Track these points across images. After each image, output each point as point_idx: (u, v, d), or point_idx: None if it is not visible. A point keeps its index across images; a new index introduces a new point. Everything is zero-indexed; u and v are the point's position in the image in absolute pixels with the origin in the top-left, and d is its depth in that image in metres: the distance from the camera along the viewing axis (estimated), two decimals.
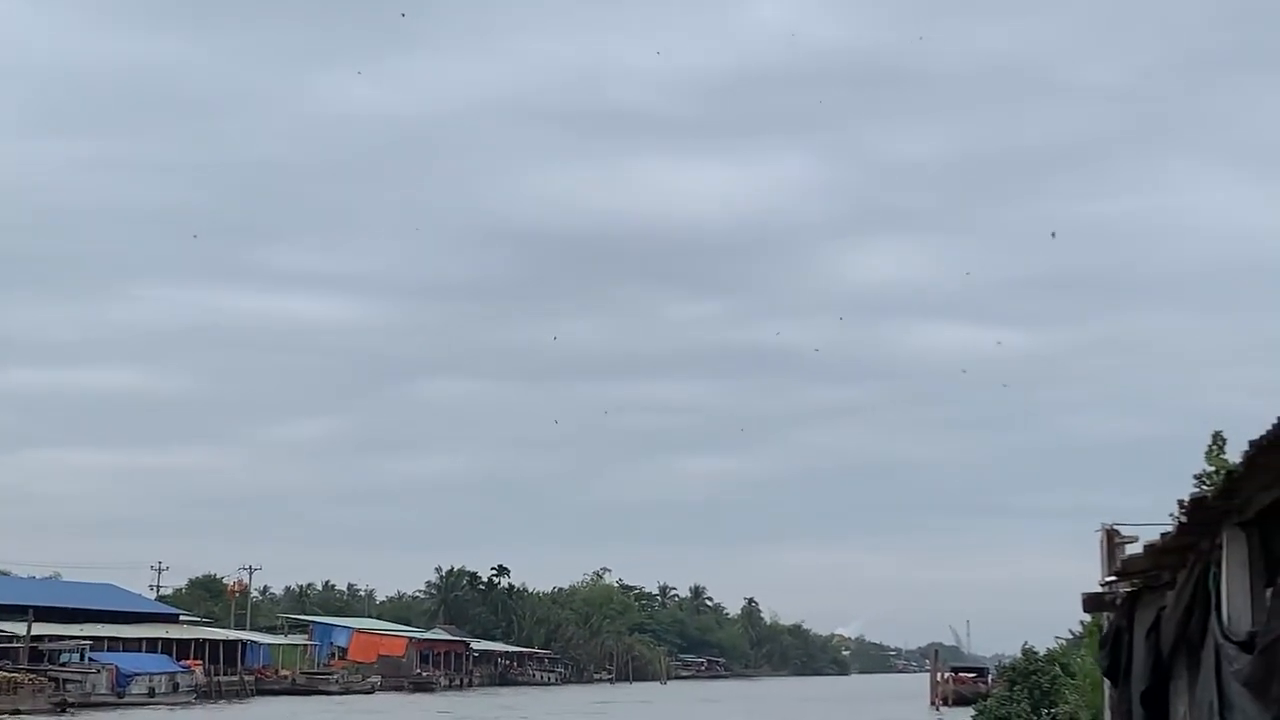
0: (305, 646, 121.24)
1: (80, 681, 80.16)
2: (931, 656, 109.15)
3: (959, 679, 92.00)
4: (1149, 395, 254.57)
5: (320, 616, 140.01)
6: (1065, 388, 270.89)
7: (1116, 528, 15.89)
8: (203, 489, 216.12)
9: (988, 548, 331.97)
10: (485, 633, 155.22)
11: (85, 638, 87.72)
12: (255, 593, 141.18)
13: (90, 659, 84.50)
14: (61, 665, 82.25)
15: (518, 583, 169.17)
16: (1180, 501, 12.81)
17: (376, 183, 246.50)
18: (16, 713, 67.24)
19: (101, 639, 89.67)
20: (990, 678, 77.35)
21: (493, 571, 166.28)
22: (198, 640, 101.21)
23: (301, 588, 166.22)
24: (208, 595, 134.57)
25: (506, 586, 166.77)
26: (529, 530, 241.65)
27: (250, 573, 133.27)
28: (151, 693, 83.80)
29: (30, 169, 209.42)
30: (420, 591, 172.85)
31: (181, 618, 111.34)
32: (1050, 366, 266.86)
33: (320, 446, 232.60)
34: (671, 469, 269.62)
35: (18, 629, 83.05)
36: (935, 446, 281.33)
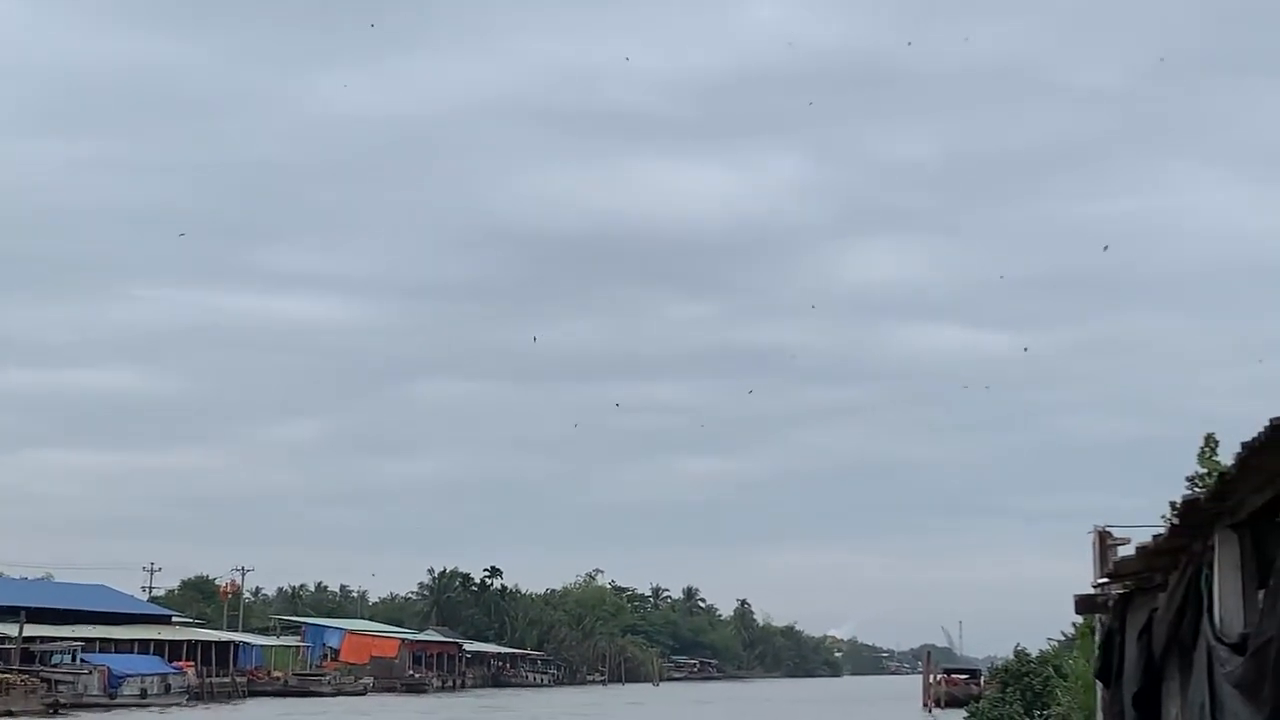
0: (298, 648, 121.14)
1: (72, 683, 80.00)
2: (924, 658, 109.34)
3: (952, 680, 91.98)
4: (1143, 396, 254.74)
5: (313, 618, 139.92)
6: (1059, 389, 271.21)
7: (1109, 529, 15.89)
8: (196, 490, 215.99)
9: (981, 549, 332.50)
10: (478, 634, 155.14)
11: (77, 639, 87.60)
12: (248, 594, 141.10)
13: (82, 660, 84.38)
14: (53, 666, 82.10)
15: (510, 584, 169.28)
16: (1172, 503, 12.83)
17: (375, 183, 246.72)
18: (8, 714, 67.10)
19: (94, 640, 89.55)
20: (983, 679, 77.34)
21: (485, 573, 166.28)
22: (190, 641, 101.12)
23: (294, 589, 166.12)
24: (200, 596, 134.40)
25: (499, 588, 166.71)
26: (521, 531, 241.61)
27: (243, 574, 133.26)
28: (143, 694, 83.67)
29: (29, 169, 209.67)
30: (413, 593, 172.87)
31: (174, 619, 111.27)
32: (1045, 368, 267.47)
33: (313, 447, 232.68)
34: (664, 470, 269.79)
35: (10, 630, 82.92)
36: (928, 448, 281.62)
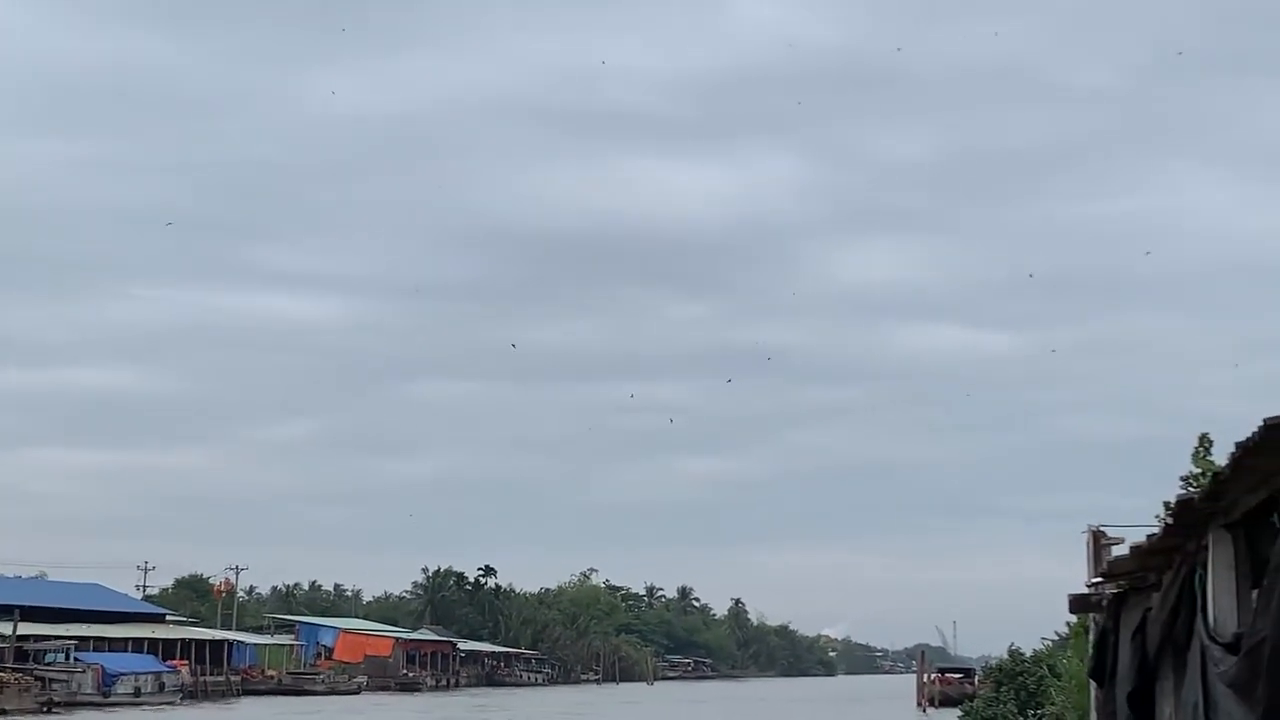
0: (291, 647, 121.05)
1: (66, 681, 79.93)
2: (918, 657, 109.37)
3: (945, 680, 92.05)
4: (1140, 396, 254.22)
5: (307, 617, 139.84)
6: (1056, 388, 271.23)
7: (1103, 529, 15.94)
8: (190, 489, 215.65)
9: (975, 549, 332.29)
10: (472, 633, 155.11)
11: (71, 637, 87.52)
12: (242, 593, 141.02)
13: (75, 659, 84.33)
14: (47, 665, 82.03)
15: (504, 583, 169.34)
16: (1167, 503, 12.85)
17: (373, 183, 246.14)
18: (2, 713, 67.08)
19: (87, 639, 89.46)
20: (977, 679, 77.38)
21: (479, 572, 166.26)
22: (184, 640, 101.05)
23: (288, 588, 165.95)
24: (194, 595, 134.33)
25: (493, 587, 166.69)
26: (516, 531, 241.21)
27: (237, 573, 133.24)
28: (137, 692, 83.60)
29: (28, 169, 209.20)
30: (407, 592, 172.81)
31: (168, 618, 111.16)
32: (1042, 367, 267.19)
33: (309, 446, 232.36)
34: (659, 470, 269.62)
35: (3, 629, 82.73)
36: (923, 448, 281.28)
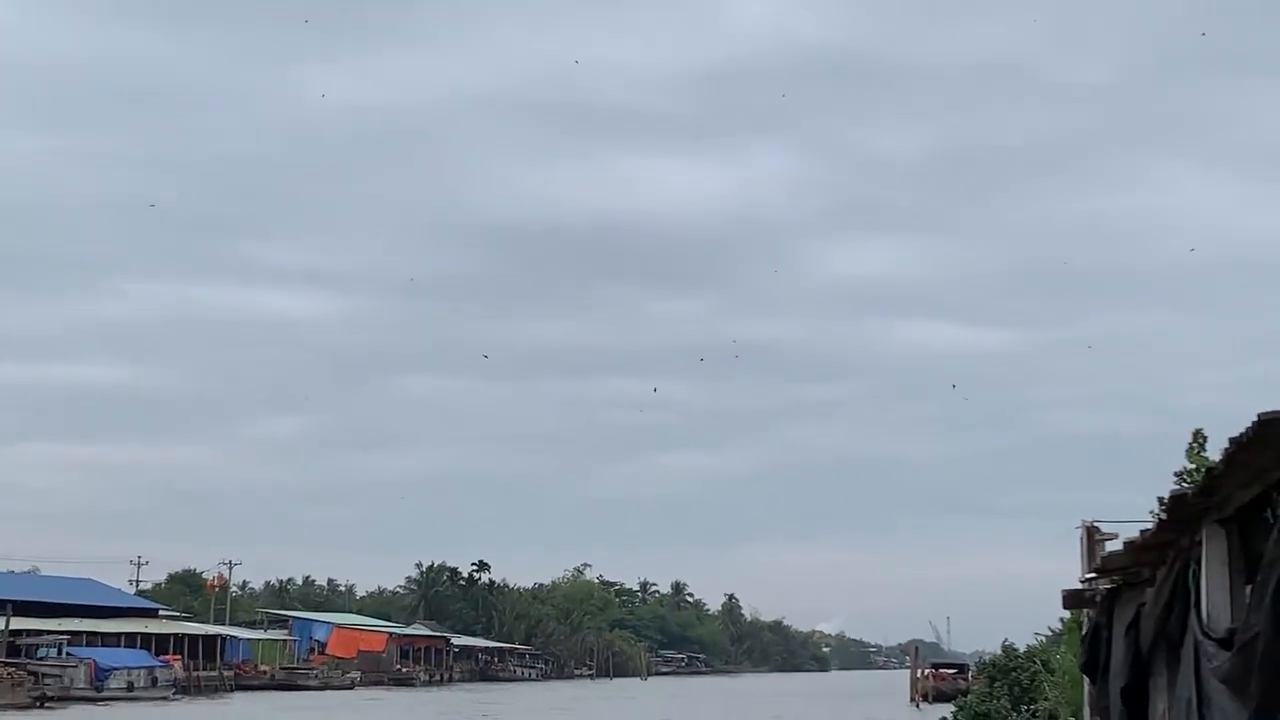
0: (285, 642, 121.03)
1: (59, 676, 79.92)
2: (912, 653, 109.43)
3: (939, 675, 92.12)
4: (1133, 393, 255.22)
5: (300, 612, 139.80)
6: (1050, 385, 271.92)
7: (1096, 525, 15.92)
8: (183, 484, 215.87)
9: (968, 545, 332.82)
10: (466, 628, 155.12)
11: (63, 632, 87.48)
12: (235, 588, 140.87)
13: (68, 653, 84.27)
14: (39, 660, 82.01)
15: (498, 579, 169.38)
16: (1161, 499, 12.84)
17: (366, 179, 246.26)
18: None
19: (80, 634, 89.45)
20: (970, 674, 77.38)
21: (473, 567, 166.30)
22: (177, 635, 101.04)
23: (281, 583, 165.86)
24: (187, 590, 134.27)
25: (487, 582, 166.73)
26: (509, 527, 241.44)
27: (230, 568, 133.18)
28: (130, 687, 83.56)
29: (19, 163, 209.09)
30: (400, 587, 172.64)
31: (161, 613, 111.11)
32: (1035, 364, 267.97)
33: (301, 442, 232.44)
34: (653, 466, 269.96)
35: None
36: (917, 444, 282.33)
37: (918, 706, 79.69)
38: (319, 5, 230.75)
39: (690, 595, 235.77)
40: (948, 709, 44.98)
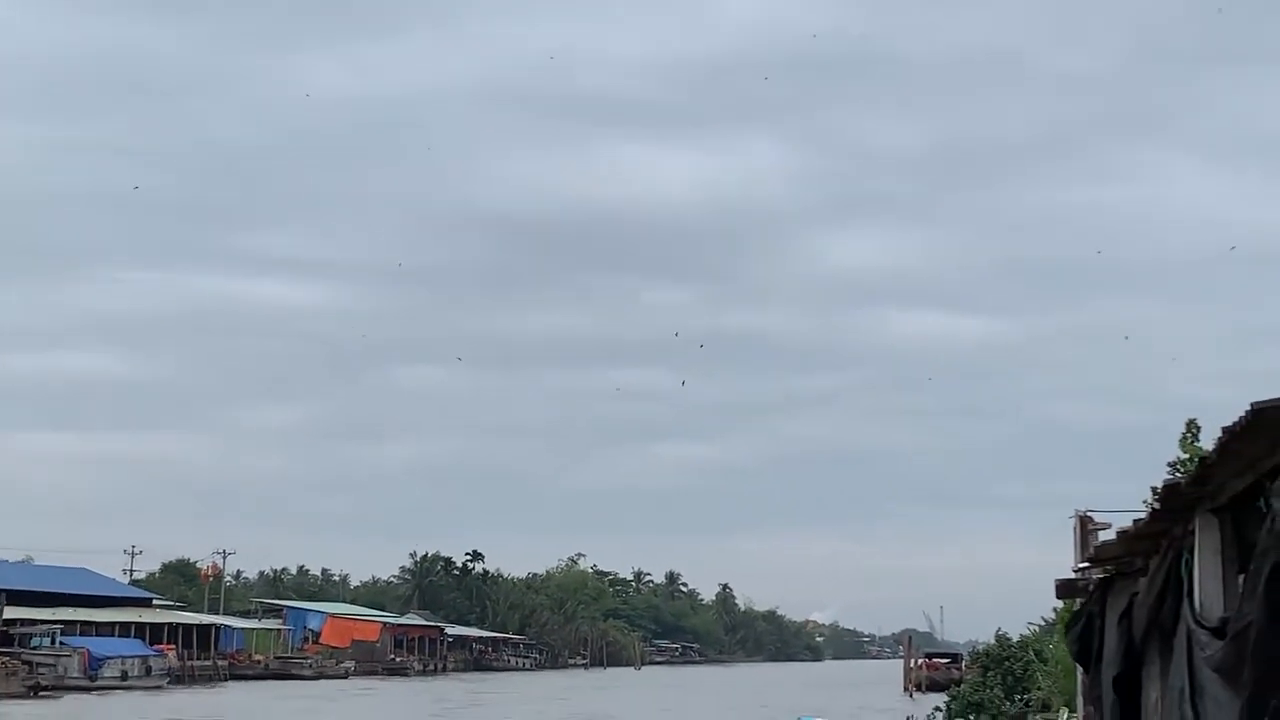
0: (279, 631, 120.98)
1: (53, 665, 79.92)
2: (905, 643, 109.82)
3: (932, 665, 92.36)
4: (1127, 384, 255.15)
5: (294, 601, 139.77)
6: (1043, 375, 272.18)
7: (1090, 514, 15.95)
8: (177, 473, 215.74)
9: (962, 535, 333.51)
10: (460, 618, 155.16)
11: (57, 622, 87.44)
12: (229, 577, 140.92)
13: (61, 643, 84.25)
14: (33, 649, 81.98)
15: (492, 568, 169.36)
16: (1154, 488, 12.85)
17: (357, 168, 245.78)
18: None
19: (74, 623, 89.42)
20: (964, 664, 77.58)
21: (467, 557, 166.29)
22: (171, 625, 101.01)
23: (276, 572, 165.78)
24: (181, 580, 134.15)
25: (481, 572, 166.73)
26: (503, 517, 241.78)
27: (224, 557, 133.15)
28: (124, 676, 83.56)
29: (10, 153, 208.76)
30: (394, 577, 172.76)
31: (155, 602, 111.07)
32: (1030, 354, 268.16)
33: (295, 432, 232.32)
34: (646, 456, 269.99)
35: None
36: (911, 434, 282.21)
37: (911, 696, 79.75)
38: None
39: (684, 585, 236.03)
40: (941, 698, 45.09)
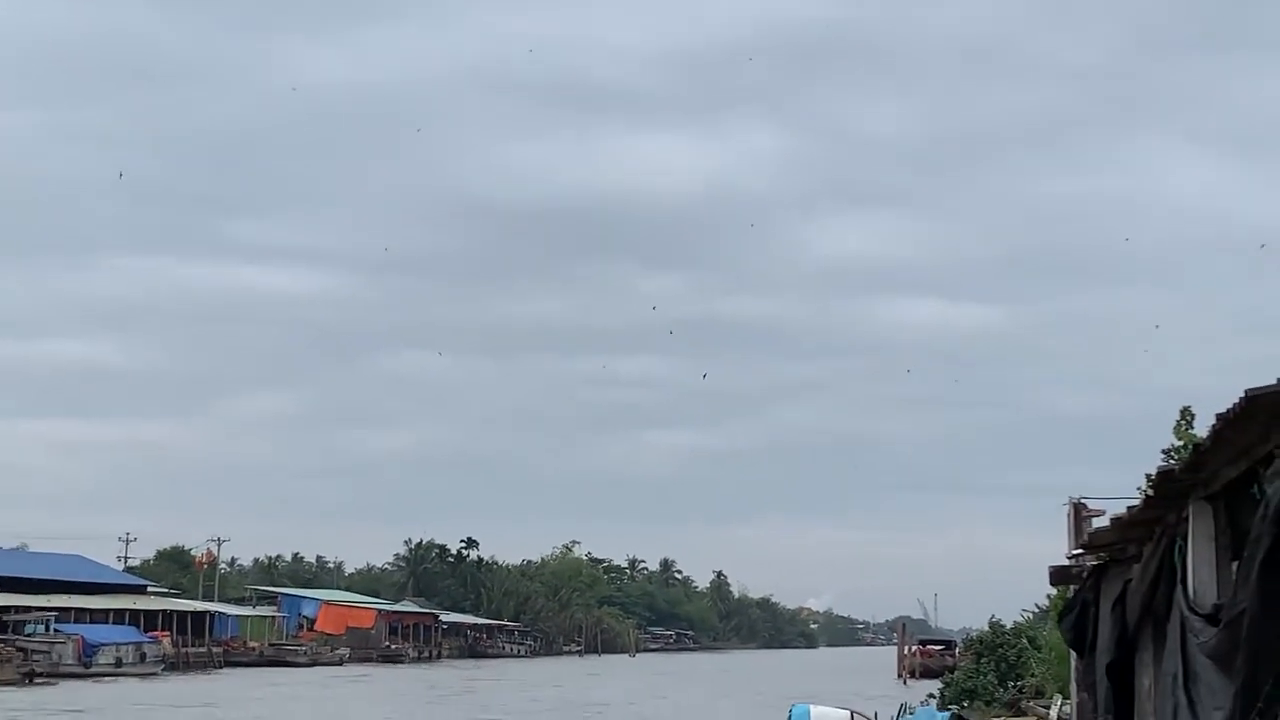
0: (273, 618, 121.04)
1: (47, 652, 79.92)
2: (899, 630, 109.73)
3: (926, 652, 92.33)
4: (1120, 372, 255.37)
5: (289, 588, 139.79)
6: (1037, 364, 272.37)
7: (1084, 501, 15.97)
8: (172, 461, 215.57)
9: (956, 523, 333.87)
10: (454, 605, 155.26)
11: (52, 609, 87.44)
12: (223, 564, 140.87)
13: (56, 630, 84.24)
14: (27, 636, 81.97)
15: (487, 555, 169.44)
16: (1148, 475, 12.88)
17: (348, 156, 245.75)
18: None
19: (68, 610, 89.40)
20: (957, 650, 77.64)
21: (461, 544, 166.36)
22: (165, 612, 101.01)
23: (270, 559, 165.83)
24: (176, 567, 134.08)
25: (475, 559, 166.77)
26: (497, 504, 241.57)
27: (219, 544, 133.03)
28: (118, 663, 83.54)
29: (2, 139, 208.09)
30: (389, 564, 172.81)
31: (149, 589, 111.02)
32: (1023, 343, 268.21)
33: (289, 419, 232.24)
34: (641, 444, 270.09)
35: None
36: (904, 422, 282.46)
37: (905, 683, 79.80)
38: None
39: (678, 572, 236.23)
40: (935, 685, 45.17)
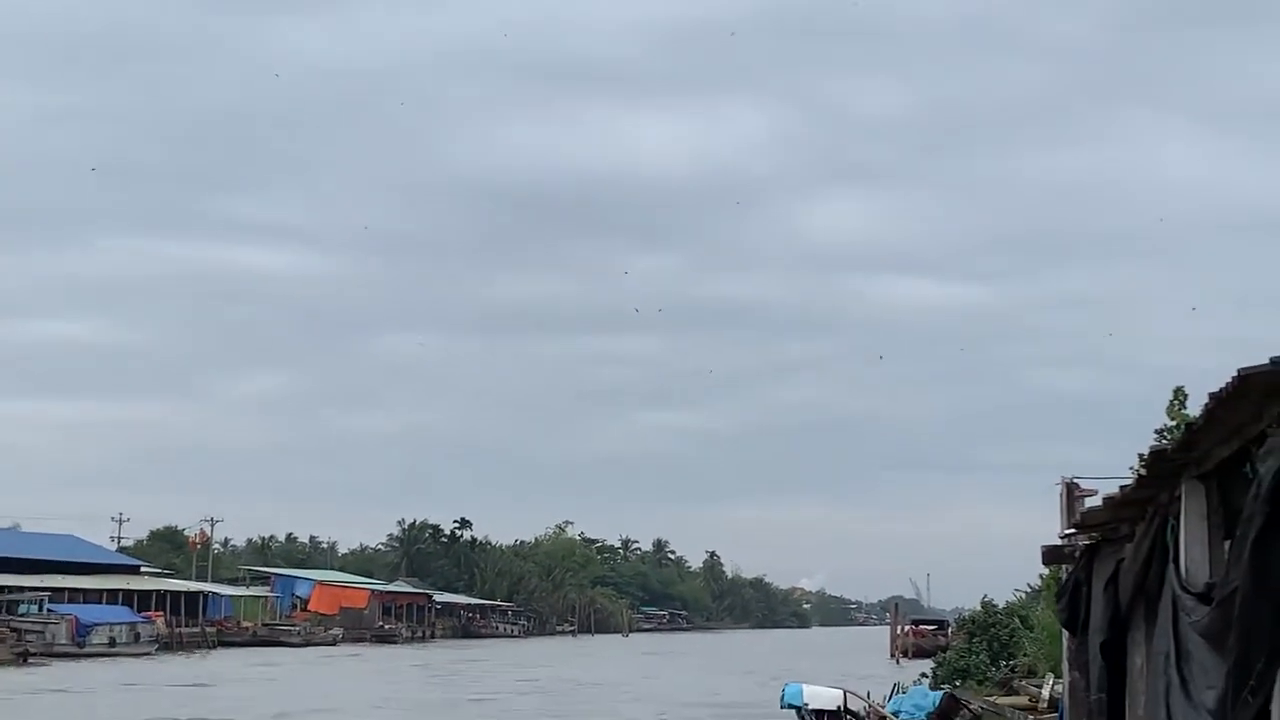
0: (267, 598, 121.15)
1: (40, 632, 79.98)
2: (892, 610, 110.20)
3: (919, 632, 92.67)
4: (1113, 351, 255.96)
5: (282, 569, 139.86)
6: (1029, 343, 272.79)
7: (1076, 481, 15.98)
8: (165, 441, 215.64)
9: (949, 503, 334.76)
10: (448, 585, 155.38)
11: (45, 589, 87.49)
12: (217, 545, 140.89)
13: (49, 610, 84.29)
14: (21, 616, 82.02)
15: (480, 536, 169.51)
16: (1141, 454, 12.89)
17: (338, 134, 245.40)
18: None
19: (62, 590, 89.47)
20: (950, 630, 77.91)
21: (455, 524, 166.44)
22: (159, 592, 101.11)
23: (264, 540, 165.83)
24: (169, 547, 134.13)
25: (469, 539, 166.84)
26: (491, 484, 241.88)
27: (212, 525, 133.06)
28: (112, 643, 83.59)
29: None
30: (383, 544, 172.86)
31: (143, 569, 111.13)
32: (1013, 322, 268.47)
33: (283, 399, 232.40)
34: (634, 424, 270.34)
35: None
36: (897, 402, 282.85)
37: (898, 662, 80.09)
38: None
39: (672, 553, 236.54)
40: (928, 664, 45.32)
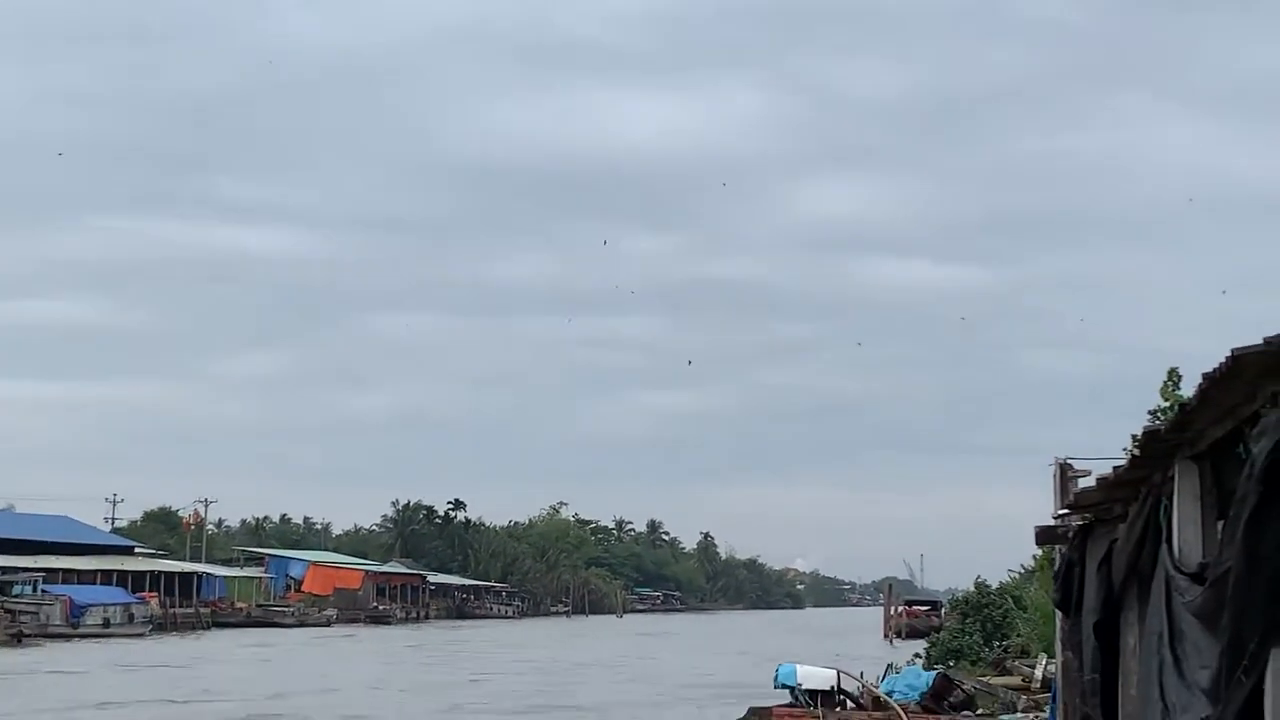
0: (261, 579, 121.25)
1: (35, 613, 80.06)
2: (885, 590, 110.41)
3: (913, 612, 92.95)
4: (1107, 333, 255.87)
5: (276, 549, 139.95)
6: (1024, 324, 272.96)
7: (1070, 461, 15.99)
8: (159, 422, 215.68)
9: (942, 483, 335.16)
10: (442, 566, 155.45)
11: (39, 569, 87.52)
12: (211, 525, 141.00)
13: (44, 591, 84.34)
14: (14, 597, 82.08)
15: (474, 517, 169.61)
16: (1134, 435, 12.90)
17: (332, 115, 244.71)
18: None
19: (56, 571, 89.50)
20: (943, 611, 78.06)
21: (449, 505, 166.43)
22: (153, 573, 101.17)
23: (258, 520, 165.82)
24: (163, 528, 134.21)
25: (463, 520, 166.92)
26: (485, 465, 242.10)
27: (206, 505, 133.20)
28: (106, 624, 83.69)
29: None
30: (377, 525, 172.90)
31: (137, 550, 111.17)
32: (1009, 304, 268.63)
33: (277, 379, 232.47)
34: (628, 405, 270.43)
35: None
36: (890, 383, 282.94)
37: (892, 643, 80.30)
38: None
39: (666, 534, 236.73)
40: (921, 645, 45.43)
